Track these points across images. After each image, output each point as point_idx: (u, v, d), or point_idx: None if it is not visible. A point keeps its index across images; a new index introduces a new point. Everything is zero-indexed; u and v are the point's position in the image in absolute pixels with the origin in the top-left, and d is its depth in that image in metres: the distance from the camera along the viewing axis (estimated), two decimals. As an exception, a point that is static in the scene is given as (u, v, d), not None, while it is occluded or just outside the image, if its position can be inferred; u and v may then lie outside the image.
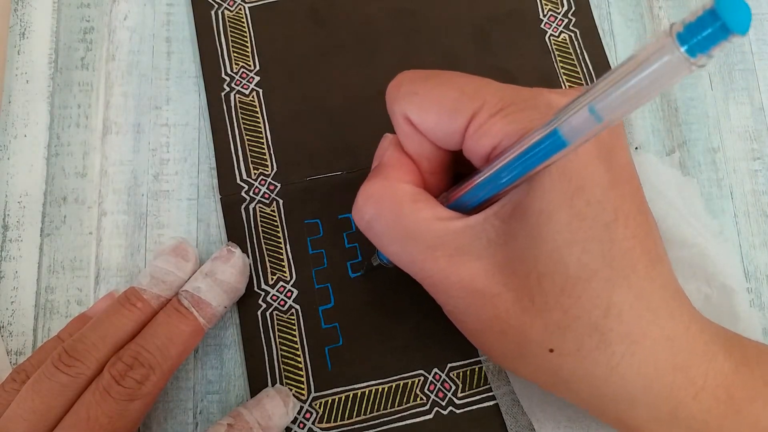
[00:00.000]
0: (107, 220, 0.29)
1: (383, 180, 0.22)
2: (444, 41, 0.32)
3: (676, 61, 0.13)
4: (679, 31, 0.13)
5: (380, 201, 0.22)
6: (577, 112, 0.16)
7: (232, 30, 0.32)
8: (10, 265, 0.29)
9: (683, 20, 0.13)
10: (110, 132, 0.31)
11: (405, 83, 0.22)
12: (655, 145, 0.31)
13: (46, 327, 0.28)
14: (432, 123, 0.21)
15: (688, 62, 0.13)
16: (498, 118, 0.20)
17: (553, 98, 0.20)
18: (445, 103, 0.21)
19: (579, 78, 0.31)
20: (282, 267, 0.29)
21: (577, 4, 0.32)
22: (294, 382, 0.27)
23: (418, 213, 0.21)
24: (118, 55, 0.32)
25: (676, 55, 0.13)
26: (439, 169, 0.23)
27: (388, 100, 0.23)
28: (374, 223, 0.22)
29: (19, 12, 0.32)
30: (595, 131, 0.16)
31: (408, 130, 0.22)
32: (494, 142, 0.20)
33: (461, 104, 0.20)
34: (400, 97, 0.22)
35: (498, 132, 0.20)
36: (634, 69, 0.14)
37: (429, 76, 0.22)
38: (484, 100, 0.20)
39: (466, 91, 0.21)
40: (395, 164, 0.23)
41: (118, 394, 0.23)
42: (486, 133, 0.20)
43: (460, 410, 0.27)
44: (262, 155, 0.30)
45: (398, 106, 0.22)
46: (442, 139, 0.21)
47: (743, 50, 0.32)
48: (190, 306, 0.25)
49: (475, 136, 0.20)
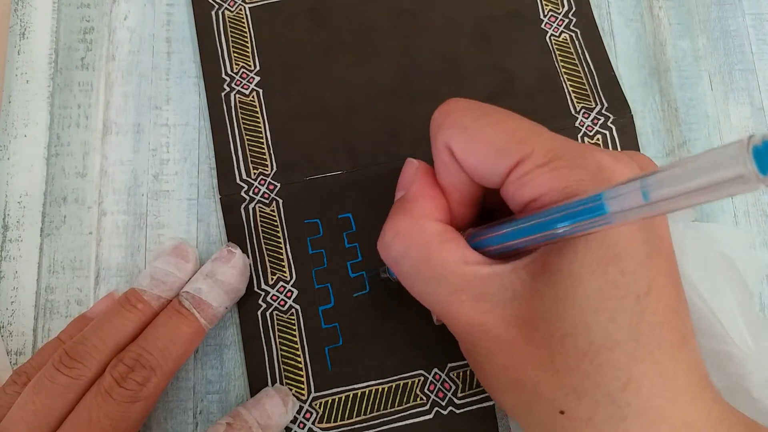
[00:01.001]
0: (107, 220, 0.30)
1: (411, 216, 0.22)
2: (444, 41, 0.32)
3: (746, 174, 0.12)
4: (757, 146, 0.12)
5: (408, 239, 0.22)
6: (630, 193, 0.15)
7: (232, 30, 0.32)
8: (10, 265, 0.29)
9: (764, 135, 0.12)
10: (110, 132, 0.31)
11: (455, 113, 0.22)
12: (655, 145, 0.31)
13: (46, 327, 0.28)
14: (476, 161, 0.21)
15: (757, 178, 0.12)
16: (544, 171, 0.19)
17: (603, 160, 0.19)
18: (494, 145, 0.20)
19: (580, 78, 0.31)
20: (282, 267, 0.29)
21: (578, 4, 0.32)
22: (294, 382, 0.27)
23: (445, 254, 0.21)
24: (118, 55, 0.32)
25: (748, 169, 0.12)
26: (469, 202, 0.23)
27: (434, 125, 0.22)
28: (401, 261, 0.22)
29: (19, 12, 0.32)
30: (642, 216, 0.15)
31: (448, 160, 0.22)
32: (536, 194, 0.20)
33: (510, 148, 0.20)
34: (447, 126, 0.22)
35: (542, 185, 0.19)
36: (701, 168, 0.13)
37: (481, 111, 0.22)
38: (533, 149, 0.20)
39: (516, 135, 0.20)
40: (424, 198, 0.22)
41: (119, 396, 0.23)
42: (529, 183, 0.20)
43: (460, 410, 0.27)
44: (261, 155, 0.30)
45: (443, 135, 0.22)
46: (482, 176, 0.21)
47: (743, 50, 0.32)
48: (191, 307, 0.25)
49: (518, 183, 0.20)
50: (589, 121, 0.30)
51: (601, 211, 0.16)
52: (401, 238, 0.22)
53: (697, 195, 0.14)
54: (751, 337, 0.26)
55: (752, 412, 0.25)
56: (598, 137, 0.30)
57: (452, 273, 0.21)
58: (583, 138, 0.30)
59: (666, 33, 0.32)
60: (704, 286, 0.26)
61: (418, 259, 0.21)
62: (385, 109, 0.31)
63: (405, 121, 0.30)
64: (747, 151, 0.12)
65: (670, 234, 0.20)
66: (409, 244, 0.22)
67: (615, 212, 0.16)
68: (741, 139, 0.13)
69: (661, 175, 0.14)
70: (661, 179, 0.14)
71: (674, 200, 0.14)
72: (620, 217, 0.16)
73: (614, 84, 0.31)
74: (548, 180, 0.19)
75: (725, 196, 0.13)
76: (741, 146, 0.12)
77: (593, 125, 0.30)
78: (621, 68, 0.32)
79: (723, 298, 0.26)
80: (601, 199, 0.16)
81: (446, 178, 0.23)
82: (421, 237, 0.22)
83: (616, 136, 0.30)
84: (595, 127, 0.30)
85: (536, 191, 0.19)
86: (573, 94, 0.31)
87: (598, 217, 0.17)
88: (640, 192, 0.15)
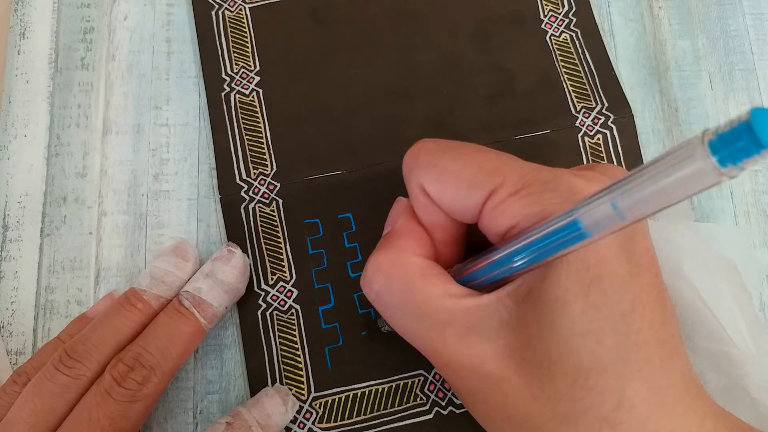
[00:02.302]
0: (107, 220, 0.29)
1: (394, 251, 0.22)
2: (444, 41, 0.32)
3: (706, 169, 0.12)
4: (711, 139, 0.12)
5: (390, 273, 0.22)
6: (600, 206, 0.15)
7: (232, 30, 0.32)
8: (10, 265, 0.29)
9: (716, 128, 0.12)
10: (110, 132, 0.31)
11: (423, 154, 0.22)
12: (655, 145, 0.31)
13: (46, 327, 0.28)
14: (449, 197, 0.21)
15: (718, 172, 0.12)
16: (517, 198, 0.19)
17: (575, 183, 0.19)
18: (464, 178, 0.20)
19: (581, 77, 0.31)
20: (282, 267, 0.29)
21: (578, 4, 0.32)
22: (294, 382, 0.27)
23: (429, 288, 0.21)
24: (118, 55, 0.32)
25: (707, 164, 0.12)
26: (452, 240, 0.23)
27: (405, 168, 0.22)
28: (383, 295, 0.22)
29: (19, 12, 0.32)
30: (617, 228, 0.16)
31: (423, 200, 0.22)
32: (512, 222, 0.20)
33: (480, 180, 0.20)
34: (418, 167, 0.22)
35: (516, 212, 0.19)
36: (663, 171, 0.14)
37: (448, 148, 0.22)
38: (504, 178, 0.20)
39: (485, 167, 0.20)
40: (407, 234, 0.22)
41: (119, 396, 0.23)
42: (504, 212, 0.20)
43: (460, 410, 0.27)
44: (261, 155, 0.30)
45: (415, 176, 0.22)
46: (458, 212, 0.21)
47: (743, 50, 0.32)
48: (191, 306, 0.25)
49: (493, 213, 0.20)
50: (590, 120, 0.30)
51: (575, 227, 0.16)
52: (383, 272, 0.22)
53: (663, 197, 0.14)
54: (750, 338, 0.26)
55: (752, 413, 0.25)
56: (598, 137, 0.30)
57: (436, 307, 0.21)
58: (584, 138, 0.30)
59: (666, 33, 0.32)
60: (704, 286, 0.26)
61: (401, 294, 0.21)
62: (385, 109, 0.31)
63: (405, 121, 0.30)
64: (703, 145, 0.12)
65: (652, 246, 0.20)
66: (391, 278, 0.21)
67: (588, 226, 0.16)
68: (696, 135, 0.13)
69: (626, 183, 0.15)
70: (627, 187, 0.15)
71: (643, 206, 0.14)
72: (595, 230, 0.16)
73: (615, 83, 0.31)
74: (522, 206, 0.19)
75: (691, 194, 0.13)
76: (697, 142, 0.13)
77: (593, 125, 0.30)
78: (621, 68, 0.32)
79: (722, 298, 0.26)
80: (573, 215, 0.16)
81: (426, 218, 0.22)
82: (403, 270, 0.21)
83: (616, 135, 0.30)
84: (596, 126, 0.30)
85: (512, 219, 0.19)
86: (573, 93, 0.31)
87: (573, 233, 0.17)
88: (609, 203, 0.15)
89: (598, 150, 0.30)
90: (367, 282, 0.22)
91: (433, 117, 0.30)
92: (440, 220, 0.22)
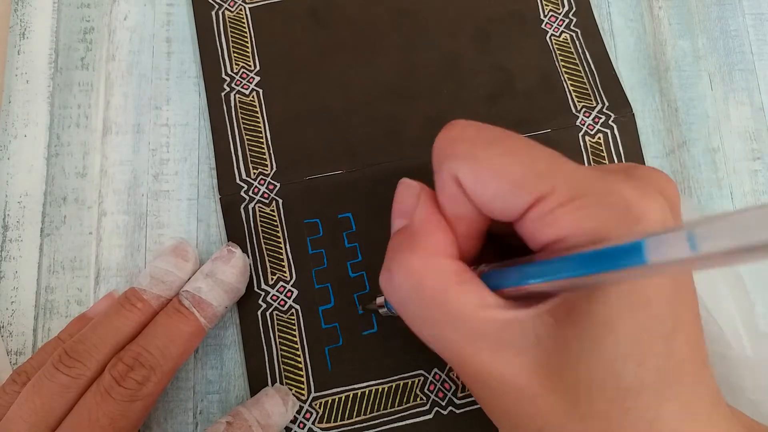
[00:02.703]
0: (107, 220, 0.29)
1: (424, 252, 0.20)
2: (444, 41, 0.32)
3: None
4: None
5: (422, 279, 0.20)
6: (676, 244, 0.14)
7: (232, 30, 0.32)
8: (10, 265, 0.29)
9: None
10: (110, 132, 0.31)
11: (464, 142, 0.20)
12: (656, 145, 0.31)
13: (46, 327, 0.28)
14: (489, 195, 0.19)
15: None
16: (569, 210, 0.18)
17: (630, 196, 0.18)
18: (509, 177, 0.19)
19: (581, 77, 0.31)
20: (282, 267, 0.29)
21: (578, 4, 0.32)
22: (294, 382, 0.27)
23: (465, 297, 0.19)
24: (118, 55, 0.32)
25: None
26: (476, 234, 0.21)
27: (438, 152, 0.20)
28: (410, 302, 0.20)
29: (19, 12, 0.32)
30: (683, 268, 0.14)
31: (455, 191, 0.20)
32: (561, 234, 0.18)
33: (528, 182, 0.18)
34: (455, 156, 0.19)
35: (566, 226, 0.18)
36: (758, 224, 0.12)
37: (493, 139, 0.20)
38: (554, 185, 0.18)
39: (535, 168, 0.19)
40: (433, 231, 0.20)
41: (118, 395, 0.23)
42: (553, 223, 0.18)
43: (460, 410, 0.27)
44: (261, 155, 0.30)
45: (449, 166, 0.19)
46: (494, 211, 0.19)
47: (743, 50, 0.32)
48: (191, 306, 0.25)
49: (540, 222, 0.18)
50: (590, 119, 0.30)
51: (639, 260, 0.15)
52: (414, 277, 0.20)
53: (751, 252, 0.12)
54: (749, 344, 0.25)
55: (751, 413, 0.25)
56: (599, 136, 0.30)
57: (471, 318, 0.19)
58: (584, 137, 0.30)
59: (666, 33, 0.32)
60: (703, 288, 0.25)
61: (433, 302, 0.19)
62: (385, 109, 0.31)
63: (405, 121, 0.30)
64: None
65: None
66: (422, 285, 0.19)
67: (656, 263, 0.14)
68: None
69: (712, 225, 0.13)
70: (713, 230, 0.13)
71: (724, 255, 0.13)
72: (659, 269, 0.15)
73: (615, 83, 0.31)
74: (573, 221, 0.18)
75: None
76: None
77: (594, 124, 0.30)
78: (621, 68, 0.32)
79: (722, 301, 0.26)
80: (641, 248, 0.15)
81: (452, 210, 0.20)
82: (438, 278, 0.19)
83: (617, 134, 0.30)
84: (596, 125, 0.30)
85: (560, 232, 0.18)
86: (573, 93, 0.31)
87: (634, 266, 0.15)
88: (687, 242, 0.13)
89: (599, 149, 0.30)
90: (392, 286, 0.20)
91: (433, 117, 0.30)
92: (468, 214, 0.20)
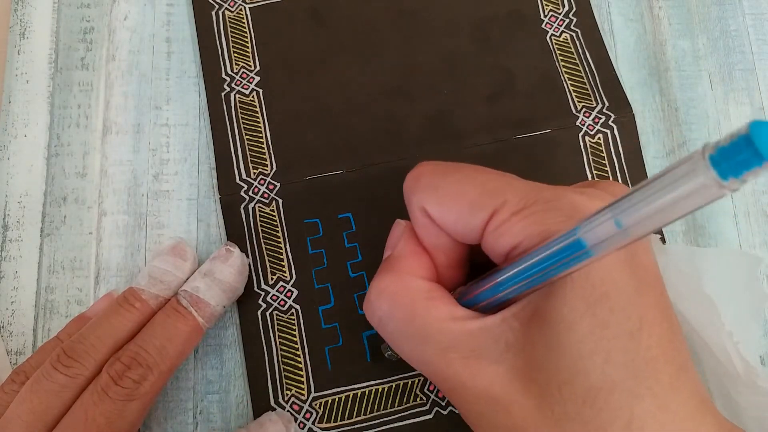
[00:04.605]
0: (107, 220, 0.29)
1: (396, 274, 0.22)
2: (444, 41, 0.32)
3: (708, 183, 0.13)
4: (712, 153, 0.12)
5: (393, 297, 0.21)
6: (603, 223, 0.16)
7: (232, 30, 0.32)
8: (10, 265, 0.29)
9: (717, 142, 0.12)
10: (110, 132, 0.31)
11: (425, 176, 0.22)
12: (655, 145, 0.31)
13: (46, 327, 0.28)
14: (452, 218, 0.21)
15: (719, 185, 0.13)
16: (519, 218, 0.19)
17: (577, 200, 0.19)
18: (466, 199, 0.20)
19: (581, 77, 0.31)
20: (282, 267, 0.28)
21: (578, 4, 0.32)
22: (294, 382, 0.27)
23: (433, 311, 0.21)
24: (118, 55, 0.32)
25: (708, 177, 0.13)
26: (455, 262, 0.23)
27: (406, 190, 0.22)
28: (387, 320, 0.22)
29: (19, 12, 0.32)
30: (621, 245, 0.16)
31: (425, 222, 0.22)
32: (515, 242, 0.19)
33: (482, 201, 0.20)
34: (419, 189, 0.22)
35: (519, 232, 0.19)
36: (665, 186, 0.14)
37: (449, 170, 0.22)
38: (506, 198, 0.20)
39: (487, 187, 0.20)
40: (409, 256, 0.22)
41: (116, 395, 0.23)
42: (506, 232, 0.20)
43: (460, 410, 0.27)
44: (261, 155, 0.30)
45: (416, 198, 0.22)
46: (461, 233, 0.21)
47: (743, 50, 0.32)
48: (188, 306, 0.25)
49: (495, 233, 0.20)
50: (590, 120, 0.30)
51: (579, 246, 0.16)
52: (386, 297, 0.21)
53: (666, 212, 0.14)
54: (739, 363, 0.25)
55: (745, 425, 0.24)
56: (599, 136, 0.30)
57: (440, 330, 0.20)
58: (585, 137, 0.30)
59: (666, 33, 0.32)
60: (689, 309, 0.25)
61: (404, 318, 0.21)
62: (385, 109, 0.31)
63: (405, 121, 0.30)
64: (704, 159, 0.13)
65: (656, 262, 0.20)
66: (394, 302, 0.21)
67: (592, 243, 0.16)
68: (697, 150, 0.13)
69: (628, 200, 0.15)
70: (630, 204, 0.15)
71: (647, 222, 0.14)
72: (599, 248, 0.16)
73: (615, 83, 0.31)
74: (525, 226, 0.19)
75: (694, 208, 0.13)
76: (698, 156, 0.13)
77: (594, 124, 0.30)
78: (621, 68, 0.32)
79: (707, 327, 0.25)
80: (576, 234, 0.16)
81: (428, 240, 0.22)
82: (407, 294, 0.21)
83: (617, 134, 0.30)
84: (596, 126, 0.30)
85: (515, 239, 0.19)
86: (574, 93, 0.31)
87: (577, 252, 0.17)
88: (612, 221, 0.15)
89: (599, 149, 0.30)
90: (370, 308, 0.22)
91: (433, 117, 0.30)
92: (443, 242, 0.22)
